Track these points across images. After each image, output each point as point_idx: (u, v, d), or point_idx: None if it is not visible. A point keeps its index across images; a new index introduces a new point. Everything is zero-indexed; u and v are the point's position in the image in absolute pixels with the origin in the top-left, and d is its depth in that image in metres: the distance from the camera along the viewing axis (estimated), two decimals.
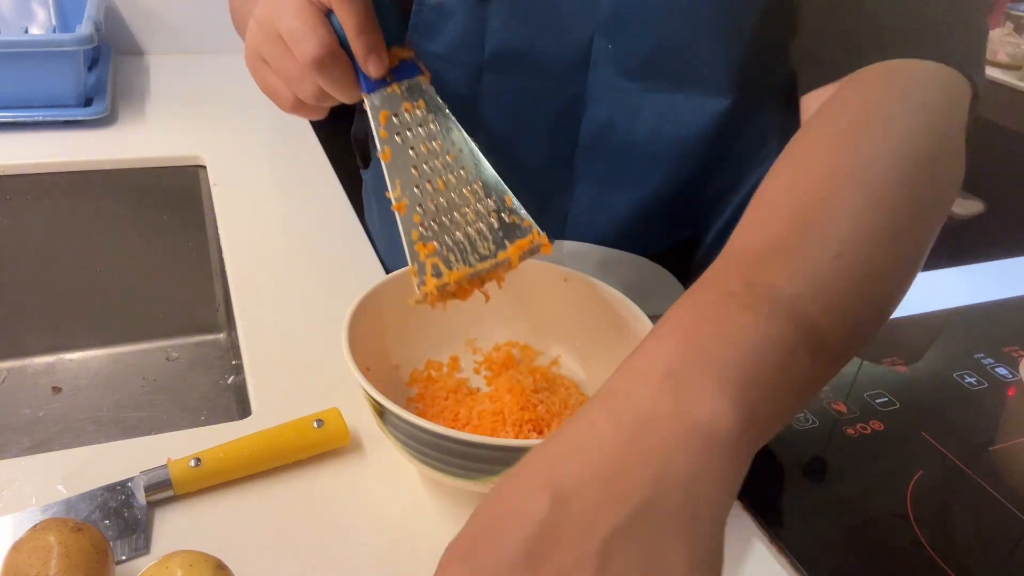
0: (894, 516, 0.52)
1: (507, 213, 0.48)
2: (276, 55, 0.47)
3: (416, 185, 0.47)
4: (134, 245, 0.97)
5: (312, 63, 0.45)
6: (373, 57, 0.46)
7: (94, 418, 0.88)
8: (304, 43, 0.45)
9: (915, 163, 0.40)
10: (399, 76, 0.48)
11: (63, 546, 0.40)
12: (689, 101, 0.60)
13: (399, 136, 0.47)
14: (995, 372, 0.68)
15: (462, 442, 0.43)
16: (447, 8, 0.59)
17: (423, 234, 0.46)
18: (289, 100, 0.49)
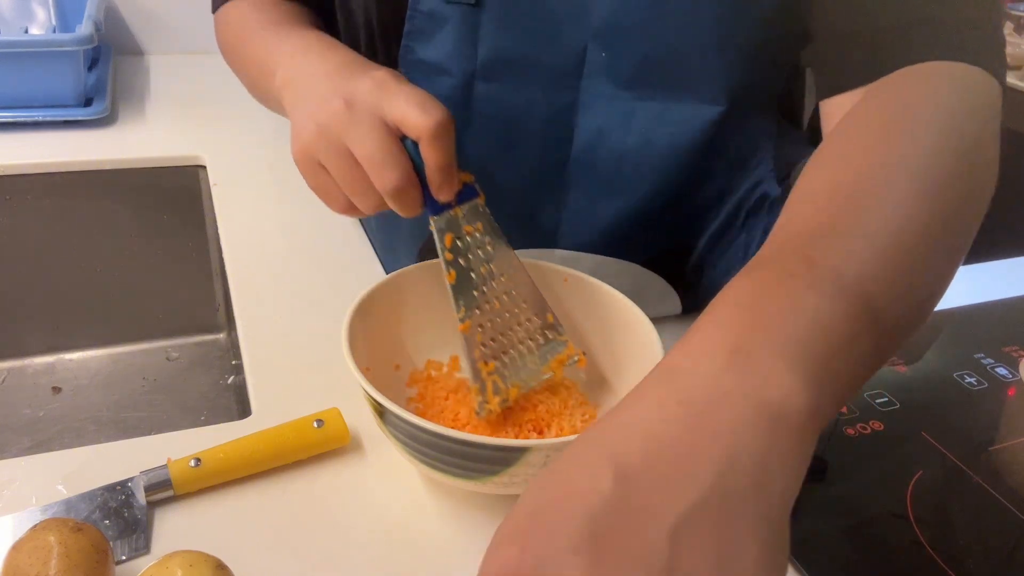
0: (894, 516, 0.52)
1: (549, 330, 0.53)
2: (344, 171, 0.48)
3: (477, 307, 0.50)
4: (134, 245, 0.97)
5: (392, 192, 0.46)
6: (447, 187, 0.48)
7: (94, 418, 0.88)
8: (385, 172, 0.46)
9: (956, 156, 0.41)
10: (460, 199, 0.50)
11: (63, 546, 0.40)
12: (682, 109, 0.60)
13: (462, 259, 0.50)
14: (995, 372, 0.68)
15: (462, 442, 0.43)
16: (440, 15, 0.59)
17: (484, 353, 0.50)
18: (343, 206, 0.50)
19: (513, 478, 0.45)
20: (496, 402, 0.50)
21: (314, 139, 0.48)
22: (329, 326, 0.63)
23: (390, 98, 0.47)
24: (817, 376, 0.30)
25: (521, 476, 0.45)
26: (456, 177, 0.49)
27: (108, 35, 1.21)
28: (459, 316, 0.49)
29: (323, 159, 0.49)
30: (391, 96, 0.47)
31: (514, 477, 0.45)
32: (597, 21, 0.58)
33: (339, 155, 0.48)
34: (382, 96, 0.47)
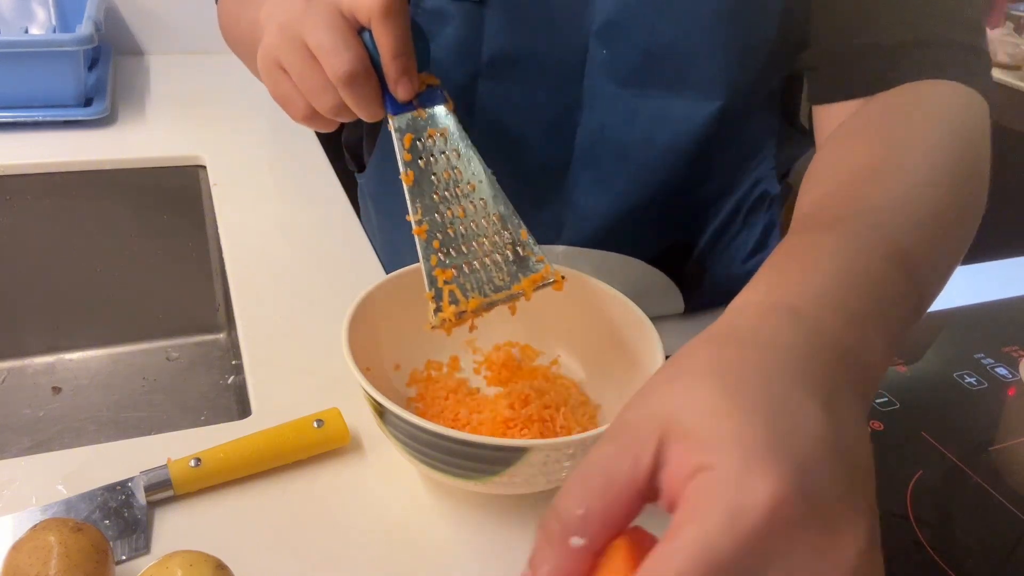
0: (894, 516, 0.52)
1: (521, 246, 0.49)
2: (299, 65, 0.46)
3: (436, 211, 0.48)
4: (134, 245, 0.97)
5: (343, 78, 0.44)
6: (405, 80, 0.46)
7: (94, 418, 0.88)
8: (335, 58, 0.44)
9: (959, 159, 0.45)
10: (424, 102, 0.48)
11: (63, 546, 0.40)
12: (683, 106, 0.60)
13: (422, 160, 0.48)
14: (995, 372, 0.68)
15: (462, 442, 0.43)
16: (443, 13, 0.59)
17: (441, 260, 0.47)
18: (303, 111, 0.49)
19: (513, 478, 0.45)
20: (452, 311, 0.46)
21: (275, 40, 0.47)
22: (329, 326, 0.63)
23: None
24: (887, 340, 0.32)
25: (521, 476, 0.45)
26: (414, 73, 0.47)
27: (108, 35, 1.21)
28: (414, 219, 0.47)
29: (282, 58, 0.47)
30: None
31: (514, 477, 0.45)
32: (599, 19, 0.58)
33: (296, 50, 0.46)
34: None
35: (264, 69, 0.49)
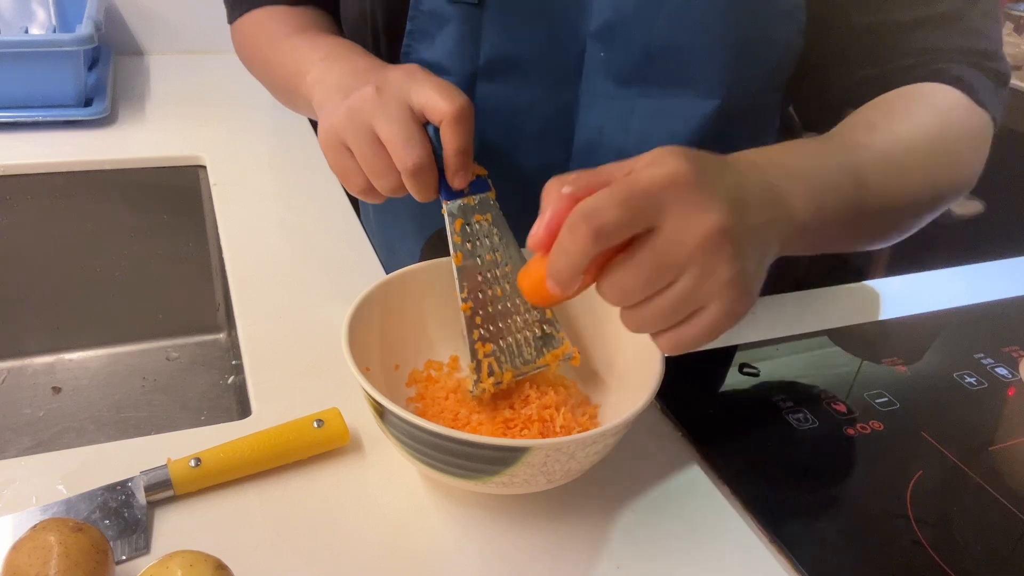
0: (894, 516, 0.52)
1: (547, 324, 0.55)
2: (366, 150, 0.50)
3: (480, 290, 0.52)
4: (134, 245, 0.97)
5: (411, 170, 0.49)
6: (462, 173, 0.51)
7: (94, 418, 0.88)
8: (405, 151, 0.48)
9: (944, 150, 0.56)
10: (473, 190, 0.53)
11: (63, 546, 0.40)
12: (680, 105, 0.60)
13: (469, 243, 0.52)
14: (995, 372, 0.68)
15: (462, 442, 0.43)
16: (442, 15, 0.59)
17: (483, 335, 0.52)
18: (361, 186, 0.53)
19: (513, 478, 0.45)
20: (490, 382, 0.52)
21: (343, 121, 0.51)
22: (329, 326, 0.63)
23: (417, 85, 0.49)
24: (816, 208, 0.45)
25: (521, 476, 0.45)
26: (471, 165, 0.51)
27: (108, 35, 1.21)
28: (461, 296, 0.51)
29: (349, 139, 0.51)
30: (418, 83, 0.49)
31: (514, 477, 0.45)
32: (596, 20, 0.58)
33: (364, 135, 0.50)
34: (410, 83, 0.49)
35: (327, 144, 0.52)
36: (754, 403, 0.62)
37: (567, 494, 0.52)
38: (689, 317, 0.39)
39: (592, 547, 0.49)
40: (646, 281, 0.38)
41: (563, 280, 0.39)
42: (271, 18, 0.70)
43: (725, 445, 0.57)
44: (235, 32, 0.75)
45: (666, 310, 0.39)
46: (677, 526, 0.51)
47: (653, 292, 0.39)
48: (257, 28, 0.71)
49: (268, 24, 0.70)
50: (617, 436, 0.48)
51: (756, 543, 0.50)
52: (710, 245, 0.37)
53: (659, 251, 0.38)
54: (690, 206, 0.37)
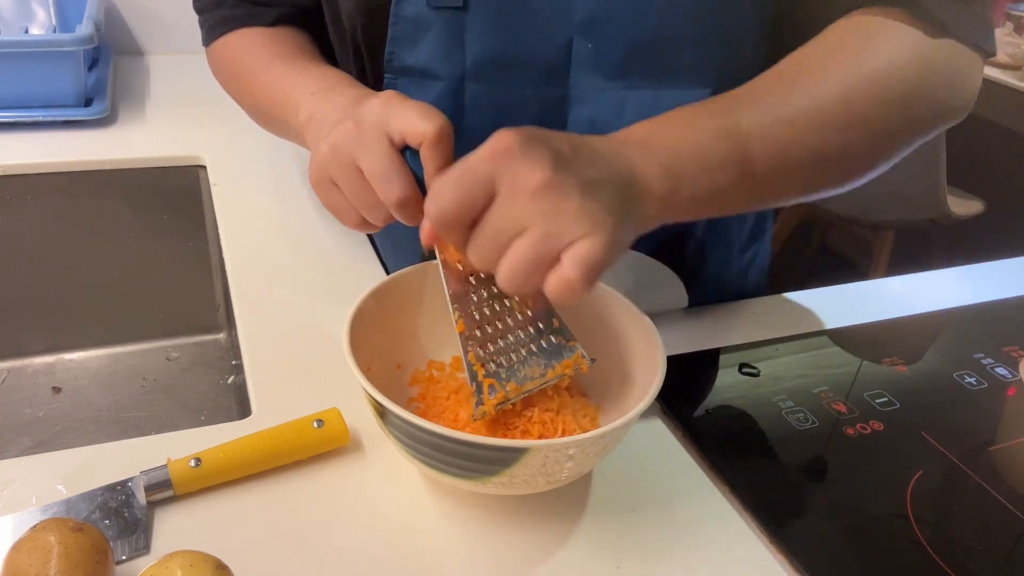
0: (894, 516, 0.52)
1: (555, 334, 0.52)
2: (352, 186, 0.50)
3: (475, 309, 0.51)
4: (134, 245, 0.97)
5: (396, 203, 0.49)
6: None
7: (94, 418, 0.88)
8: (388, 185, 0.48)
9: (881, 81, 0.52)
10: None
11: (63, 546, 0.40)
12: (671, 95, 0.60)
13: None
14: (995, 372, 0.68)
15: (462, 442, 0.43)
16: (424, 20, 0.59)
17: (480, 356, 0.50)
18: (355, 220, 0.52)
19: (513, 478, 0.45)
20: (492, 404, 0.50)
21: (327, 159, 0.51)
22: (329, 326, 0.63)
23: (395, 111, 0.49)
24: (676, 176, 0.47)
25: (521, 476, 0.45)
26: None
27: (108, 35, 1.21)
28: (454, 319, 0.50)
29: (335, 177, 0.51)
30: (395, 109, 0.49)
31: (514, 477, 0.45)
32: (581, 13, 0.58)
33: (348, 172, 0.50)
34: (388, 111, 0.49)
35: (316, 182, 0.53)
36: (754, 403, 0.62)
37: (567, 494, 0.52)
38: (559, 260, 0.41)
39: (592, 547, 0.49)
40: (494, 239, 0.42)
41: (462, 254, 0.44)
42: (251, 42, 0.70)
43: (725, 445, 0.57)
44: (212, 55, 0.75)
45: (530, 258, 0.41)
46: (677, 526, 0.51)
47: (505, 247, 0.42)
48: (238, 52, 0.71)
49: (249, 48, 0.69)
50: (617, 438, 0.48)
51: (756, 543, 0.50)
52: (541, 192, 0.41)
53: (498, 211, 0.42)
54: (515, 169, 0.41)
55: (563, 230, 0.41)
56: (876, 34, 0.54)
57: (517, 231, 0.41)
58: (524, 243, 0.41)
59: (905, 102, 0.53)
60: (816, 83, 0.52)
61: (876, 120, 0.52)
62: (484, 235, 0.42)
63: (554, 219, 0.41)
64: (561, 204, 0.41)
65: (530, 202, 0.41)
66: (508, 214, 0.41)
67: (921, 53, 0.53)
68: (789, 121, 0.50)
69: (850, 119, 0.52)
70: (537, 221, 0.41)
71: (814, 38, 0.56)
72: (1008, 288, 0.81)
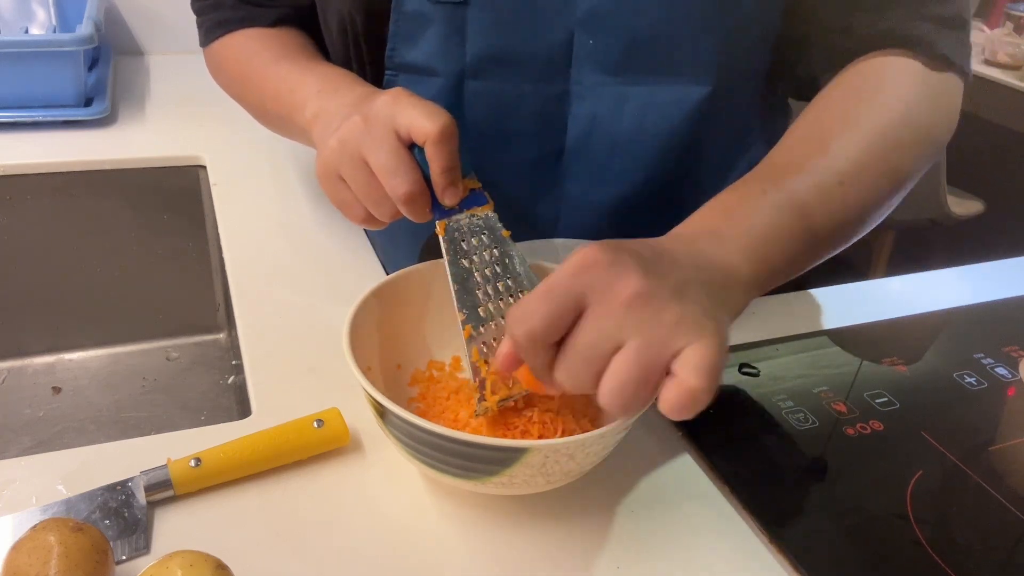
0: (894, 516, 0.52)
1: None
2: (360, 181, 0.51)
3: (480, 306, 0.51)
4: (134, 245, 0.97)
5: (403, 198, 0.49)
6: (451, 190, 0.51)
7: (94, 418, 0.88)
8: (395, 179, 0.49)
9: (907, 129, 0.55)
10: (467, 204, 0.52)
11: (63, 546, 0.40)
12: (672, 91, 0.60)
13: (466, 261, 0.51)
14: (995, 372, 0.68)
15: (462, 442, 0.43)
16: (425, 16, 0.59)
17: (484, 352, 0.50)
18: (361, 215, 0.53)
19: (513, 478, 0.45)
20: (494, 400, 0.50)
21: (335, 154, 0.51)
22: (329, 326, 0.63)
23: (402, 108, 0.49)
24: (758, 259, 0.46)
25: (521, 476, 0.45)
26: (460, 181, 0.51)
27: (108, 35, 1.21)
28: (460, 318, 0.50)
29: (343, 171, 0.51)
30: (402, 107, 0.49)
31: (514, 477, 0.45)
32: (582, 9, 0.58)
33: (356, 166, 0.50)
34: (395, 107, 0.50)
35: (324, 178, 0.53)
36: (754, 403, 0.62)
37: (567, 494, 0.52)
38: (669, 372, 0.39)
39: (592, 547, 0.49)
40: (589, 357, 0.39)
41: (543, 379, 0.42)
42: (251, 42, 0.70)
43: (725, 445, 0.57)
44: (211, 55, 0.75)
45: (635, 374, 0.39)
46: (677, 526, 0.51)
47: (603, 364, 0.39)
48: (238, 52, 0.71)
49: (249, 48, 0.70)
50: (617, 438, 0.48)
51: (756, 543, 0.50)
52: (636, 302, 0.39)
53: (591, 326, 0.39)
54: (605, 281, 0.39)
55: (666, 340, 0.39)
56: (887, 78, 0.57)
57: (614, 346, 0.39)
58: (626, 358, 0.38)
59: (920, 143, 0.57)
60: (848, 140, 0.53)
61: (903, 164, 0.55)
62: (577, 353, 0.40)
63: (654, 329, 0.38)
64: (659, 314, 0.39)
65: (625, 314, 0.39)
66: (602, 328, 0.39)
67: (927, 91, 0.58)
68: (839, 182, 0.51)
69: (885, 168, 0.54)
70: (636, 333, 0.38)
71: (826, 90, 0.59)
72: (1008, 288, 0.81)
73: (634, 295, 0.39)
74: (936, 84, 0.58)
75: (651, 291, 0.39)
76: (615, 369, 0.39)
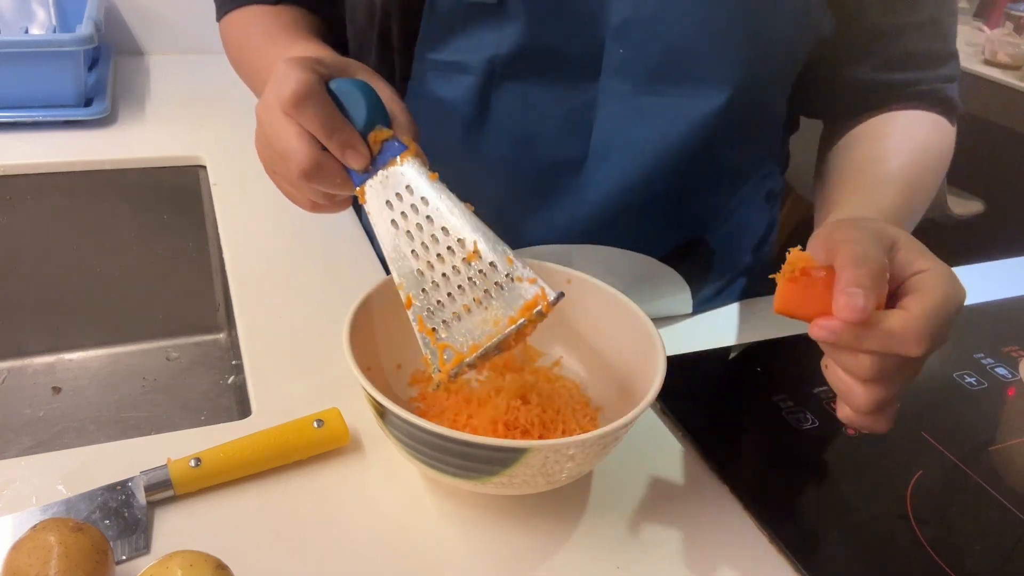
0: (894, 516, 0.52)
1: (508, 276, 0.46)
2: (279, 170, 0.49)
3: (417, 269, 0.47)
4: (134, 245, 0.97)
5: (300, 177, 0.46)
6: (350, 152, 0.47)
7: (94, 418, 0.88)
8: (289, 162, 0.46)
9: (927, 172, 0.65)
10: (384, 159, 0.47)
11: (63, 546, 0.40)
12: (697, 103, 0.61)
13: (395, 222, 0.47)
14: (995, 372, 0.68)
15: (462, 442, 0.43)
16: (459, 15, 0.59)
17: (429, 317, 0.46)
18: (307, 205, 0.52)
19: (513, 478, 0.45)
20: (448, 369, 0.45)
21: (260, 153, 0.51)
22: (329, 326, 0.63)
23: (274, 86, 0.46)
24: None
25: (520, 477, 0.45)
26: (357, 142, 0.47)
27: (108, 35, 1.21)
28: (397, 284, 0.46)
29: (265, 165, 0.51)
30: (274, 84, 0.46)
31: (513, 478, 0.45)
32: (616, 19, 0.58)
33: (272, 156, 0.49)
34: (272, 87, 0.46)
35: (269, 175, 0.52)
36: (754, 403, 0.62)
37: (567, 494, 0.52)
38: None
39: (592, 547, 0.49)
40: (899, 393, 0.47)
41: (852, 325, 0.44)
42: (251, 19, 0.69)
43: (725, 445, 0.57)
44: (222, 30, 0.75)
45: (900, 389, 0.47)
46: (677, 526, 0.51)
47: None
48: (238, 30, 0.71)
49: (247, 27, 0.69)
50: (617, 438, 0.48)
51: (756, 543, 0.50)
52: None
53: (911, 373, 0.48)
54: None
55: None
56: (915, 121, 0.67)
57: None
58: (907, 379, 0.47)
59: (940, 170, 0.68)
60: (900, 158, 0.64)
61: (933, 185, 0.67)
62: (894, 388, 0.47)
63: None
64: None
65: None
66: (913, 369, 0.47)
67: (946, 130, 0.69)
68: (899, 197, 0.61)
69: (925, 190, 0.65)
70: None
71: (861, 128, 0.68)
72: (1008, 288, 0.81)
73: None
74: (947, 123, 0.70)
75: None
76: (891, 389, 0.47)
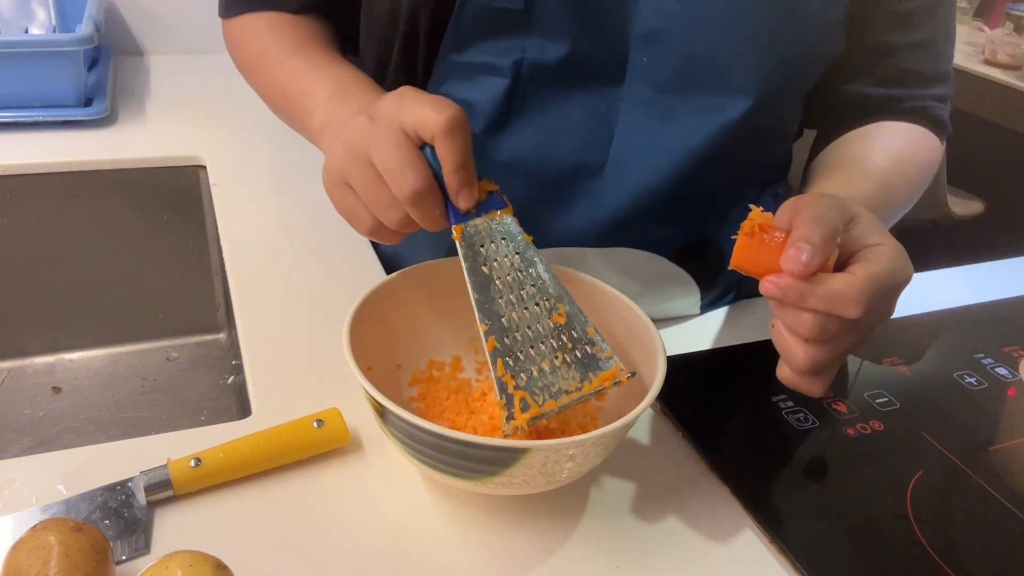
0: (894, 516, 0.52)
1: (589, 344, 0.49)
2: (366, 183, 0.48)
3: (502, 317, 0.48)
4: (134, 245, 0.97)
5: (409, 197, 0.46)
6: (465, 191, 0.48)
7: (94, 418, 0.88)
8: (401, 177, 0.46)
9: (916, 173, 0.68)
10: (485, 208, 0.49)
11: (63, 546, 0.40)
12: (719, 112, 0.61)
13: (485, 267, 0.49)
14: (995, 372, 0.68)
15: (462, 442, 0.43)
16: (485, 20, 0.59)
17: (509, 365, 0.47)
18: (368, 225, 0.50)
19: (512, 478, 0.45)
20: (524, 419, 0.47)
21: (340, 159, 0.49)
22: (329, 326, 0.63)
23: (407, 104, 0.47)
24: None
25: (520, 477, 0.45)
26: (475, 182, 0.48)
27: (108, 35, 1.21)
28: (483, 329, 0.48)
29: (349, 176, 0.49)
30: (408, 103, 0.47)
31: (513, 478, 0.45)
32: (641, 27, 0.58)
33: (362, 168, 0.48)
34: (400, 104, 0.47)
35: (330, 184, 0.51)
36: (754, 403, 0.62)
37: (567, 494, 0.52)
38: None
39: (592, 547, 0.49)
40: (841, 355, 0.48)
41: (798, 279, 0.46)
42: (273, 29, 0.68)
43: (725, 445, 0.57)
44: (229, 30, 0.74)
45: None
46: (677, 527, 0.51)
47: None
48: (257, 37, 0.70)
49: (269, 36, 0.68)
50: (617, 438, 0.48)
51: (756, 543, 0.50)
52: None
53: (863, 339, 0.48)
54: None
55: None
56: (902, 130, 0.69)
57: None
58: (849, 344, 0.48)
59: (921, 178, 0.69)
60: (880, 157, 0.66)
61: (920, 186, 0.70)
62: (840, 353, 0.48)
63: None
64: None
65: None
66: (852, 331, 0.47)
67: (932, 143, 0.71)
68: (882, 188, 0.63)
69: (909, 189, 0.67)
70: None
71: (848, 144, 0.69)
72: (1008, 288, 0.81)
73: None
74: (934, 138, 0.71)
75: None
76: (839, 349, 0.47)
